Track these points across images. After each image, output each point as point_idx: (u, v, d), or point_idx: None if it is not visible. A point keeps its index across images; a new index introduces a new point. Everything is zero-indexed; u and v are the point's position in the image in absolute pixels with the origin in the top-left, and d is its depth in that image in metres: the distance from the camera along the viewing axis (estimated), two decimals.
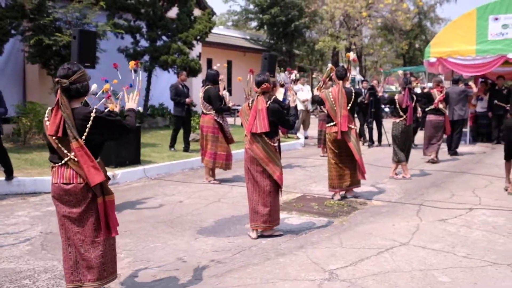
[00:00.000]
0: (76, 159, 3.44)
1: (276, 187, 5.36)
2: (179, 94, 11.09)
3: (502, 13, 12.67)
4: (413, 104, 8.78)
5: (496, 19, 12.75)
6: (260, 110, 5.24)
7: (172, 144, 11.37)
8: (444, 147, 11.77)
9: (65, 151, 3.45)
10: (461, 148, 12.29)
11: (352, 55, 7.36)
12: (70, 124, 3.38)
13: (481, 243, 5.15)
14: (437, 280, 4.17)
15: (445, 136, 11.36)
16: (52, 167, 3.57)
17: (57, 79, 3.46)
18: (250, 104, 5.43)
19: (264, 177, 5.29)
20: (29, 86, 13.30)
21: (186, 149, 11.20)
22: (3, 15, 10.22)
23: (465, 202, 6.96)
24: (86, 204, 3.50)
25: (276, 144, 5.40)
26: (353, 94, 6.96)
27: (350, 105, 6.91)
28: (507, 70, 14.78)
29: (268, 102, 5.30)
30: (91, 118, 3.44)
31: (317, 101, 7.83)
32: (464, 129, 12.88)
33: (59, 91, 3.45)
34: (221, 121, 8.25)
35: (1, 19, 10.17)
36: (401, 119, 8.67)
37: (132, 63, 4.70)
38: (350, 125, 6.88)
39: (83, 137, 3.42)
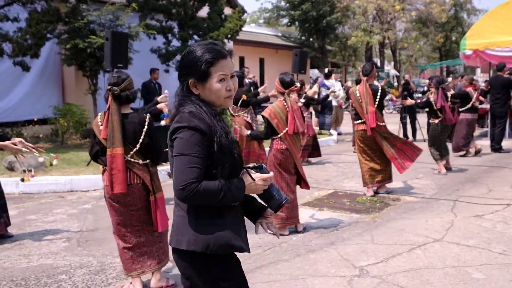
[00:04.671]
0: (132, 160, 3.73)
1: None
2: (150, 92, 11.42)
3: None
4: (448, 103, 8.59)
5: None
6: (296, 110, 5.30)
7: None
8: (486, 142, 11.49)
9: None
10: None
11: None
12: (117, 129, 3.64)
13: None
14: (471, 277, 4.08)
15: (487, 129, 11.12)
16: (106, 170, 3.79)
17: (108, 87, 3.74)
18: (285, 105, 5.31)
19: (293, 175, 5.44)
20: (67, 88, 13.68)
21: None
22: (39, 20, 10.49)
23: (503, 198, 6.77)
24: (143, 202, 3.82)
25: None
26: (379, 91, 6.90)
27: (377, 101, 6.87)
28: None
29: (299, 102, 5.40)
30: (146, 122, 3.79)
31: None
32: None
33: (110, 98, 3.72)
34: (250, 121, 8.24)
35: (37, 23, 10.45)
36: (439, 119, 8.53)
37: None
38: (378, 122, 6.83)
39: (140, 139, 3.74)
